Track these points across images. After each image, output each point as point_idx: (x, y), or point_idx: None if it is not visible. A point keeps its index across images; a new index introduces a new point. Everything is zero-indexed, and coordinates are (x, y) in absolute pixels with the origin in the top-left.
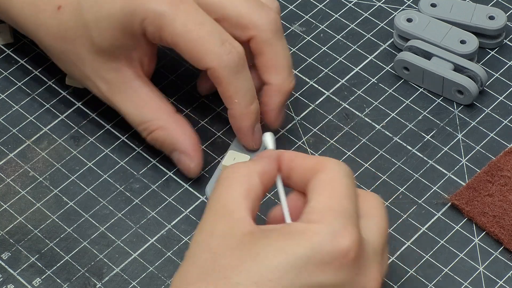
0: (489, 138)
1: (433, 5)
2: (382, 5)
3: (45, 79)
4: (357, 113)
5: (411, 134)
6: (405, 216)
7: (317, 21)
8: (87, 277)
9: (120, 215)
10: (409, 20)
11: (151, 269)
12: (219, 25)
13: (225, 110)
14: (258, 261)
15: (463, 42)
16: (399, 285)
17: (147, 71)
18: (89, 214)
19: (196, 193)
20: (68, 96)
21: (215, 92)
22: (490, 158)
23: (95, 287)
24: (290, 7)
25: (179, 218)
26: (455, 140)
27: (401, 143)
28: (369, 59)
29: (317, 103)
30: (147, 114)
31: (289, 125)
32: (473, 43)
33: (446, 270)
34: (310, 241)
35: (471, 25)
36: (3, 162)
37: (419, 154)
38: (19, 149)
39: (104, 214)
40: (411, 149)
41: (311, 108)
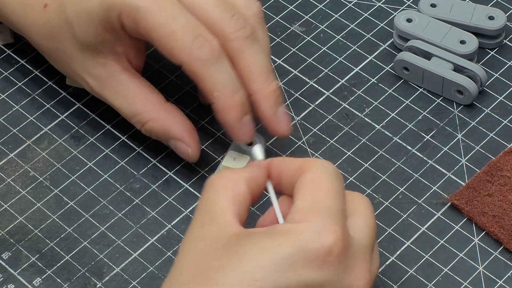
0: (488, 138)
1: (433, 5)
2: (382, 5)
3: (46, 79)
4: (357, 113)
5: (411, 134)
6: (405, 216)
7: (317, 21)
8: (88, 277)
9: (120, 215)
10: (409, 20)
11: (151, 269)
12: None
13: None
14: (243, 261)
15: (463, 42)
16: (399, 285)
17: (136, 64)
18: (89, 214)
19: (196, 193)
20: (68, 96)
21: None
22: (489, 158)
23: (95, 287)
24: (290, 7)
25: (179, 218)
26: (455, 140)
27: (401, 143)
28: (369, 59)
29: (317, 103)
30: (137, 106)
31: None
32: (473, 43)
33: (445, 270)
34: (294, 240)
35: (470, 25)
36: (3, 162)
37: (419, 154)
38: (20, 149)
39: (104, 214)
40: (411, 149)
41: (311, 108)
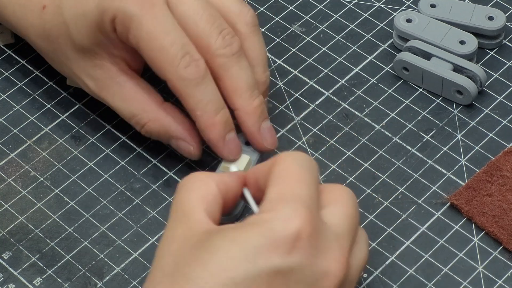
0: (488, 138)
1: (433, 6)
2: (381, 5)
3: (46, 79)
4: (357, 113)
5: (410, 134)
6: (405, 215)
7: (317, 21)
8: (88, 277)
9: (120, 214)
10: (409, 20)
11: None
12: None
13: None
14: (214, 254)
15: (462, 42)
16: (399, 285)
17: (134, 65)
18: (90, 213)
19: None
20: (68, 96)
21: None
22: (489, 158)
23: (95, 286)
24: (290, 8)
25: None
26: (455, 140)
27: (401, 143)
28: (368, 60)
29: (317, 103)
30: (135, 108)
31: (289, 125)
32: (473, 43)
33: (445, 269)
34: (262, 229)
35: (470, 25)
36: (4, 162)
37: (418, 154)
38: (20, 149)
39: (104, 213)
40: (410, 149)
41: (311, 108)
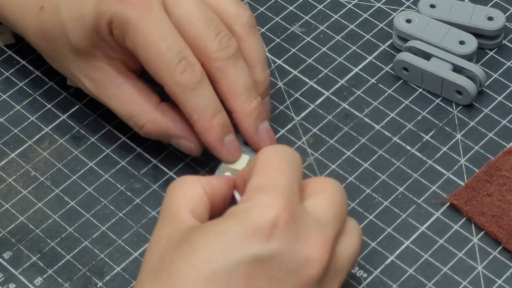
0: (488, 138)
1: (432, 6)
2: (381, 6)
3: (47, 79)
4: (357, 113)
5: (410, 134)
6: (404, 215)
7: (317, 22)
8: (88, 277)
9: (121, 214)
10: (408, 20)
11: None
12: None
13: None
14: (195, 247)
15: (462, 42)
16: (399, 285)
17: (132, 66)
18: (90, 213)
19: None
20: (69, 96)
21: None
22: (489, 158)
23: (96, 286)
24: (290, 8)
25: None
26: (454, 140)
27: (400, 143)
28: (368, 60)
29: (317, 103)
30: (133, 109)
31: (289, 125)
32: (472, 43)
33: (445, 269)
34: (240, 219)
35: (470, 25)
36: (4, 162)
37: (418, 154)
38: (21, 149)
39: (105, 213)
40: (410, 149)
41: (311, 108)
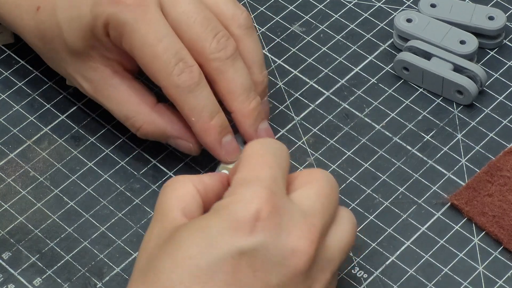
0: (488, 138)
1: (433, 6)
2: (381, 5)
3: (46, 79)
4: (357, 113)
5: (410, 134)
6: (405, 216)
7: (317, 21)
8: (88, 277)
9: (120, 215)
10: (409, 20)
11: None
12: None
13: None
14: (180, 245)
15: (462, 42)
16: (399, 285)
17: (129, 66)
18: (90, 214)
19: None
20: (68, 96)
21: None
22: (489, 158)
23: (95, 287)
24: (290, 8)
25: None
26: (455, 140)
27: (401, 143)
28: (369, 60)
29: (317, 103)
30: (129, 110)
31: (289, 125)
32: (473, 43)
33: (445, 270)
34: (222, 213)
35: (470, 25)
36: (3, 162)
37: (418, 154)
38: (20, 149)
39: (104, 214)
40: (410, 149)
41: (311, 108)
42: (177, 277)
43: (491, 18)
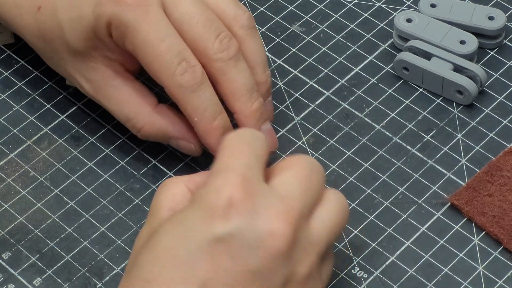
0: (488, 138)
1: (433, 6)
2: (381, 5)
3: (46, 79)
4: (357, 113)
5: (410, 134)
6: (405, 216)
7: (317, 21)
8: (88, 277)
9: (120, 215)
10: (409, 20)
11: None
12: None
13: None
14: (158, 238)
15: (462, 42)
16: (399, 285)
17: (131, 67)
18: (90, 214)
19: None
20: (68, 96)
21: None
22: (489, 158)
23: (95, 286)
24: (290, 8)
25: None
26: (455, 140)
27: (401, 143)
28: (369, 60)
29: (317, 103)
30: (130, 111)
31: (289, 125)
32: (473, 43)
33: (445, 270)
34: (196, 203)
35: (470, 25)
36: (3, 162)
37: (418, 154)
38: (20, 149)
39: (104, 214)
40: (410, 149)
41: (311, 108)
42: (157, 269)
43: (491, 18)
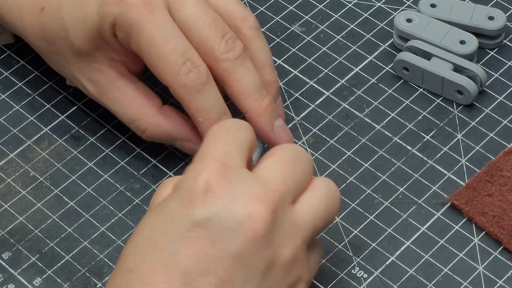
0: (488, 138)
1: (433, 6)
2: (381, 5)
3: (46, 79)
4: (357, 113)
5: (410, 134)
6: (405, 216)
7: (317, 21)
8: (88, 277)
9: (120, 215)
10: (409, 20)
11: None
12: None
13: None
14: (141, 228)
15: (462, 42)
16: (399, 285)
17: (134, 68)
18: (90, 214)
19: None
20: (68, 96)
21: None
22: (489, 158)
23: (95, 286)
24: (290, 8)
25: None
26: (455, 140)
27: (401, 143)
28: (369, 60)
29: (317, 103)
30: (135, 112)
31: (289, 125)
32: (473, 43)
33: (445, 270)
34: (175, 191)
35: (470, 25)
36: (3, 162)
37: (418, 154)
38: (20, 149)
39: (104, 214)
40: (410, 149)
41: (311, 108)
42: (140, 259)
43: (491, 18)
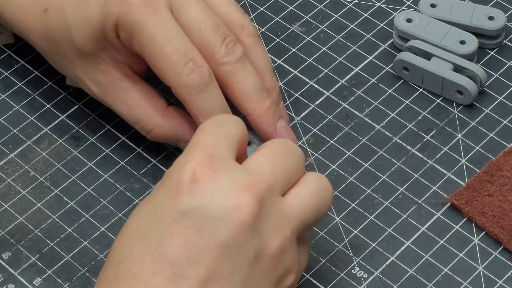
0: (488, 138)
1: (433, 6)
2: (381, 5)
3: (46, 79)
4: (357, 113)
5: (410, 134)
6: (405, 216)
7: (317, 21)
8: (88, 277)
9: (120, 215)
10: (409, 20)
11: None
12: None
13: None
14: (130, 220)
15: (462, 42)
16: (399, 285)
17: (138, 69)
18: (90, 214)
19: None
20: (68, 96)
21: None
22: (489, 158)
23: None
24: (290, 8)
25: None
26: (455, 140)
27: (401, 143)
28: (369, 60)
29: (317, 103)
30: (140, 113)
31: (289, 125)
32: (473, 43)
33: (445, 270)
34: (163, 182)
35: (470, 25)
36: (3, 162)
37: (418, 154)
38: (20, 149)
39: (104, 214)
40: (410, 149)
41: (311, 108)
42: (128, 250)
43: (491, 18)
